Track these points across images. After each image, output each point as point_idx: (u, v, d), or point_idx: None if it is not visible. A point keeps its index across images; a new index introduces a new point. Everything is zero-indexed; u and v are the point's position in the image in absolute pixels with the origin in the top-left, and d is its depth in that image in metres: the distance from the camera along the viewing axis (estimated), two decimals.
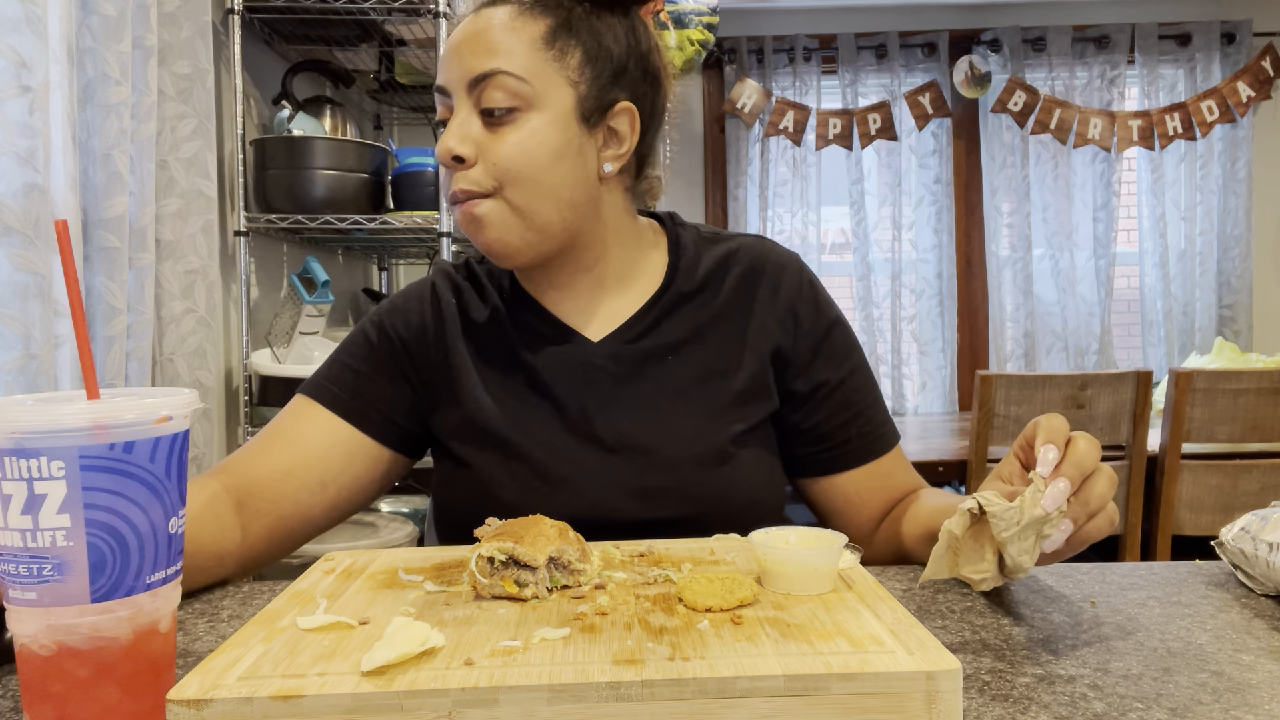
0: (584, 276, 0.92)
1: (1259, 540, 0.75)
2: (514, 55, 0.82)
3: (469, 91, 0.83)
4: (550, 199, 0.84)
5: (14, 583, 0.48)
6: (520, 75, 0.82)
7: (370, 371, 0.93)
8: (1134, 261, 3.70)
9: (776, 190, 3.60)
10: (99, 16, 1.57)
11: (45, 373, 1.40)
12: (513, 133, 0.82)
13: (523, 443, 0.88)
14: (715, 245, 0.96)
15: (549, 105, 0.83)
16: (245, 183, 2.13)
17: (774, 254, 0.95)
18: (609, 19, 0.87)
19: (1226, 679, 0.58)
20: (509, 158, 0.82)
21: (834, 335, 0.94)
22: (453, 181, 0.84)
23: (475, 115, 0.83)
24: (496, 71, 0.81)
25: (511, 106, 0.82)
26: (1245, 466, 2.22)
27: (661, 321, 0.92)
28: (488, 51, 0.82)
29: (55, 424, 0.47)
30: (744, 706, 0.46)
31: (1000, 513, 0.62)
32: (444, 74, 0.85)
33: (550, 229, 0.85)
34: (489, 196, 0.83)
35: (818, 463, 0.94)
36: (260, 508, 0.87)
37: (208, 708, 0.45)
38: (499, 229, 0.84)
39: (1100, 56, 3.57)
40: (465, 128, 0.83)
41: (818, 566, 0.59)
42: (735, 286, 0.93)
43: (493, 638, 0.52)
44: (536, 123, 0.82)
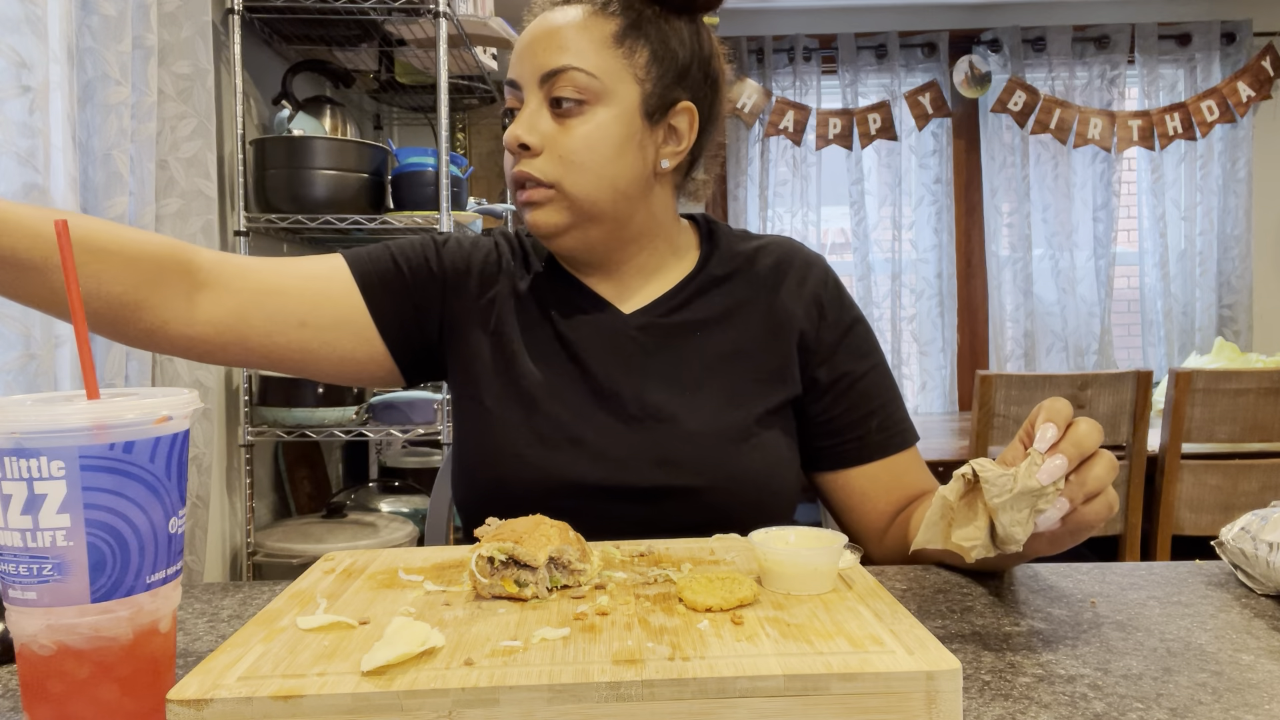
0: (626, 266, 0.96)
1: (1259, 540, 0.75)
2: (585, 53, 0.86)
3: (540, 85, 0.87)
4: (608, 188, 0.88)
5: (14, 583, 0.48)
6: (590, 71, 0.86)
7: (408, 279, 0.95)
8: (1134, 261, 3.70)
9: (776, 190, 3.60)
10: (99, 16, 1.57)
11: (45, 373, 1.40)
12: (580, 125, 0.87)
13: (551, 402, 0.92)
14: (747, 240, 1.01)
15: (616, 100, 0.87)
16: (245, 183, 2.13)
17: (803, 251, 1.00)
18: (675, 23, 0.91)
19: (1226, 679, 0.58)
20: (574, 149, 0.86)
21: (857, 330, 0.97)
22: (516, 166, 0.88)
23: (545, 108, 0.88)
24: (568, 68, 0.86)
25: (580, 100, 0.86)
26: (1245, 466, 2.22)
27: (693, 300, 0.95)
28: (560, 48, 0.86)
29: (55, 424, 0.47)
30: (744, 706, 0.46)
31: (993, 479, 0.61)
32: (516, 68, 0.90)
33: (602, 215, 0.89)
34: (549, 186, 0.87)
35: (835, 455, 0.96)
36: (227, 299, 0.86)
37: (208, 708, 0.45)
38: (552, 212, 0.88)
39: (1100, 56, 3.57)
40: (535, 119, 0.87)
41: (818, 566, 0.59)
42: (765, 275, 0.97)
43: (493, 638, 0.52)
44: (603, 116, 0.87)
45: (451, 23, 2.26)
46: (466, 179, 2.45)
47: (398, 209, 2.25)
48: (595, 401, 0.92)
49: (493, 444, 0.92)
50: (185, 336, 0.85)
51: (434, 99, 2.32)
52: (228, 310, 0.86)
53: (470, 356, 0.96)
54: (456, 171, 2.33)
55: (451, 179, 2.24)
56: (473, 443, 0.94)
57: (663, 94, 0.90)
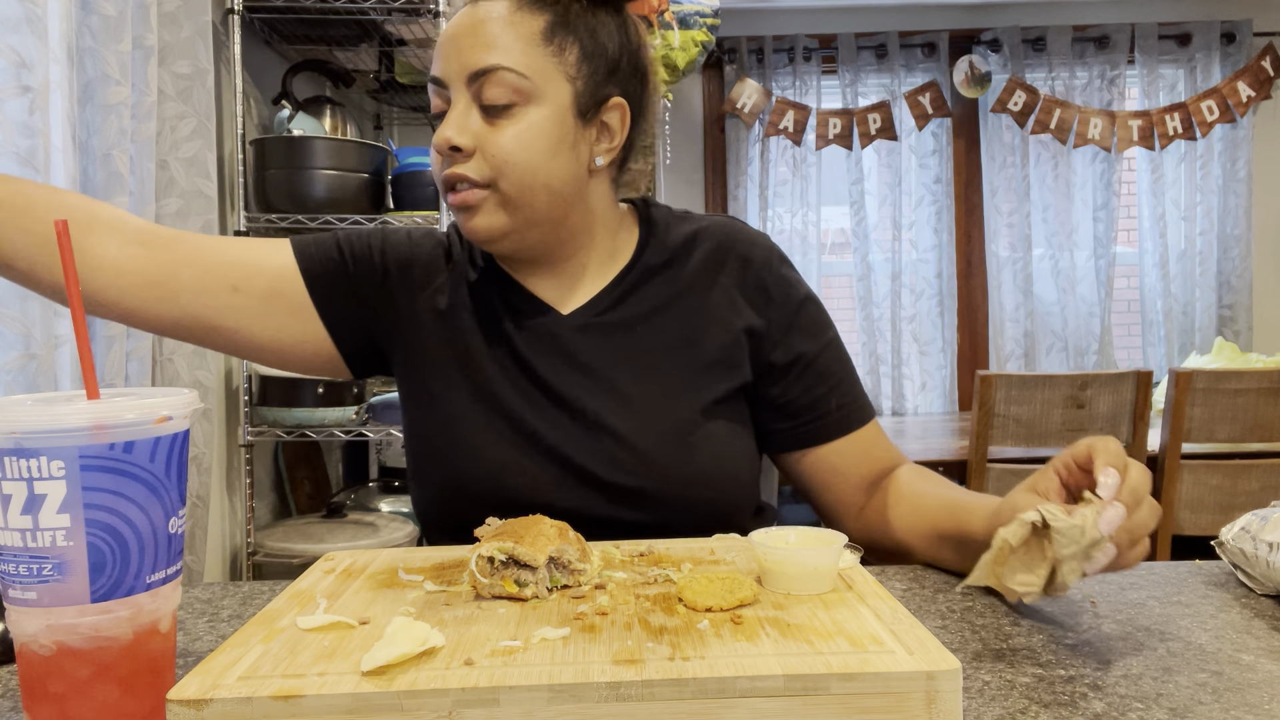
0: (565, 264, 0.94)
1: (1259, 540, 0.75)
2: (513, 51, 0.83)
3: (468, 85, 0.84)
4: (543, 190, 0.85)
5: (14, 583, 0.48)
6: (520, 71, 0.83)
7: (350, 268, 0.95)
8: (1134, 261, 3.70)
9: (776, 190, 3.60)
10: (99, 16, 1.57)
11: (45, 373, 1.40)
12: (511, 126, 0.84)
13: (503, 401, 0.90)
14: (685, 223, 0.98)
15: (547, 100, 0.84)
16: (245, 183, 2.13)
17: (744, 232, 0.97)
18: (603, 15, 0.88)
19: (1226, 679, 0.58)
20: (507, 150, 0.83)
21: (807, 310, 0.95)
22: (448, 168, 0.85)
23: (474, 107, 0.84)
24: (497, 67, 0.82)
25: (510, 101, 0.83)
26: (1245, 466, 2.22)
27: (630, 295, 0.94)
28: (487, 46, 0.83)
29: (55, 424, 0.47)
30: (744, 706, 0.46)
31: (1065, 529, 0.61)
32: (441, 65, 0.86)
33: (537, 218, 0.87)
34: (484, 187, 0.84)
35: (801, 436, 0.95)
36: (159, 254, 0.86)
37: (208, 708, 0.45)
38: (488, 216, 0.85)
39: (1100, 56, 3.57)
40: (464, 119, 0.84)
41: (818, 566, 0.59)
42: (703, 260, 0.95)
43: (493, 638, 0.52)
44: (535, 117, 0.84)
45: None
46: None
47: (398, 209, 2.25)
48: (545, 402, 0.90)
49: (450, 439, 0.91)
50: (114, 287, 0.85)
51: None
52: (158, 265, 0.86)
53: (417, 350, 0.95)
54: None
55: None
56: (429, 438, 0.93)
57: (594, 91, 0.87)
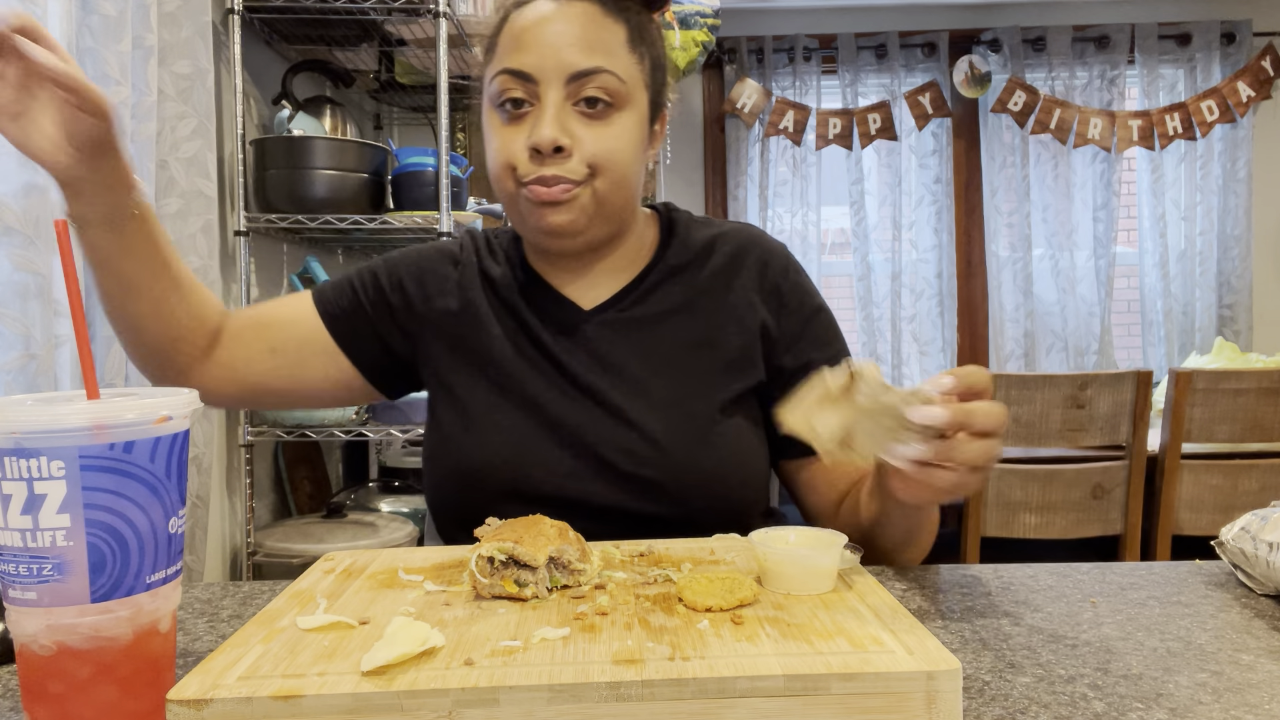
0: (597, 262, 0.96)
1: (1259, 540, 0.75)
2: (614, 56, 0.87)
3: (567, 83, 0.85)
4: (627, 191, 0.90)
5: (14, 583, 0.48)
6: (621, 76, 0.87)
7: (367, 308, 0.99)
8: (1134, 261, 3.70)
9: (776, 190, 3.60)
10: (99, 16, 1.57)
11: (45, 373, 1.40)
12: (608, 128, 0.87)
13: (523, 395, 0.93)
14: (706, 228, 1.01)
15: (634, 105, 0.89)
16: (245, 183, 2.13)
17: (763, 239, 1.00)
18: (657, 25, 0.93)
19: (1226, 679, 0.58)
20: (607, 150, 0.86)
21: (820, 319, 0.98)
22: (542, 167, 0.85)
23: (568, 106, 0.86)
24: (602, 70, 0.85)
25: (609, 103, 0.86)
26: (1245, 466, 2.22)
27: (651, 293, 0.96)
28: (591, 48, 0.85)
29: (55, 424, 0.47)
30: (744, 706, 0.46)
31: (871, 381, 0.61)
32: (533, 60, 0.85)
33: (616, 217, 0.91)
34: (581, 184, 0.87)
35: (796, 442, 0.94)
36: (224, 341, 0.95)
37: (208, 708, 0.45)
38: (577, 213, 0.88)
39: (1100, 56, 3.57)
40: (562, 119, 0.85)
41: (818, 566, 0.59)
42: (723, 263, 0.97)
43: (493, 638, 0.52)
44: (627, 120, 0.88)
45: (451, 23, 2.26)
46: (466, 179, 2.45)
47: (398, 209, 2.24)
48: (566, 392, 0.93)
49: (466, 427, 0.93)
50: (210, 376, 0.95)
51: (434, 99, 2.31)
52: (223, 350, 0.95)
53: (435, 351, 0.98)
54: (456, 171, 2.33)
55: (451, 179, 2.24)
56: (446, 428, 0.95)
57: (656, 99, 0.92)
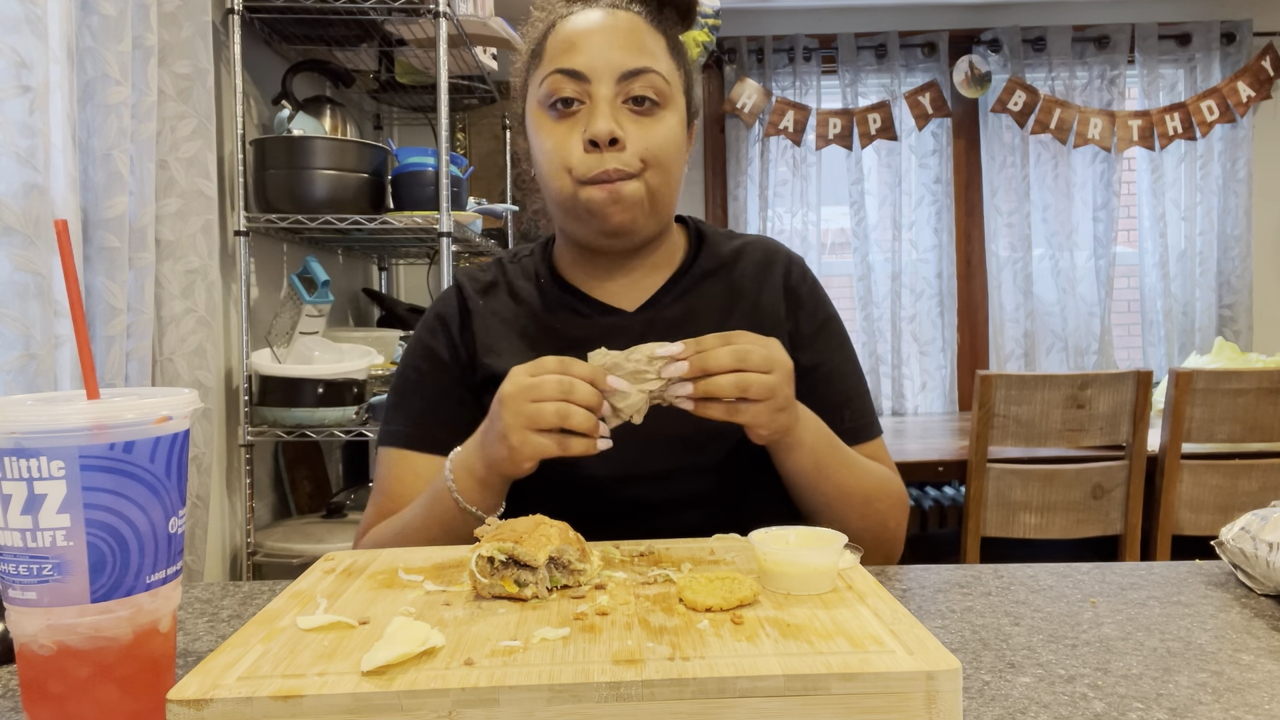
0: (642, 262, 1.00)
1: (1259, 540, 0.75)
2: (660, 59, 0.92)
3: (618, 81, 0.90)
4: (673, 187, 0.95)
5: (14, 583, 0.48)
6: (666, 77, 0.92)
7: (436, 397, 0.99)
8: (1134, 261, 3.70)
9: (776, 190, 3.60)
10: (99, 16, 1.57)
11: (45, 373, 1.40)
12: (656, 124, 0.91)
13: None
14: (731, 239, 1.07)
15: (677, 107, 0.94)
16: (245, 183, 2.13)
17: (783, 249, 1.06)
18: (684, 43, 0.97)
19: (1226, 679, 0.58)
20: (659, 144, 0.91)
21: (832, 325, 1.03)
22: (600, 163, 0.89)
23: (618, 103, 0.90)
24: (651, 70, 0.91)
25: (657, 101, 0.91)
26: (1245, 466, 2.22)
27: (687, 293, 1.01)
28: (640, 50, 0.91)
29: (55, 424, 0.47)
30: (744, 706, 0.46)
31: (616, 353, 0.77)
32: (584, 58, 0.90)
33: (664, 214, 0.96)
34: (635, 177, 0.90)
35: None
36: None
37: (208, 708, 0.45)
38: (634, 210, 0.91)
39: (1100, 56, 3.57)
40: (615, 114, 0.90)
41: (818, 566, 0.59)
42: (753, 268, 1.03)
43: (493, 638, 0.52)
44: (671, 120, 0.93)
45: (451, 23, 2.26)
46: (466, 179, 2.45)
47: (398, 209, 2.24)
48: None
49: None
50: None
51: (434, 99, 2.31)
52: None
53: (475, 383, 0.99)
54: (456, 171, 2.33)
55: (451, 179, 2.24)
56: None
57: (689, 105, 0.98)
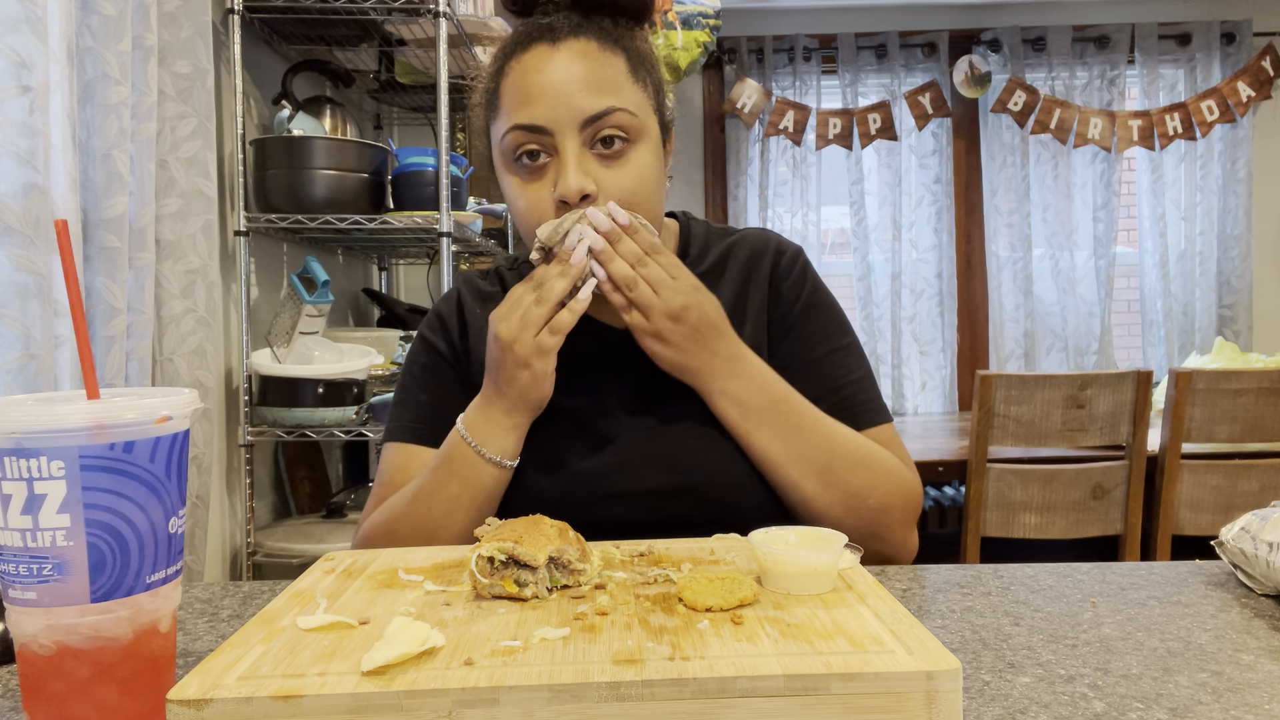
0: None
1: (1259, 540, 0.75)
2: (621, 91, 0.85)
3: (582, 129, 0.84)
4: (657, 215, 0.90)
5: (14, 583, 0.48)
6: (632, 110, 0.86)
7: (440, 393, 0.98)
8: (1134, 261, 3.70)
9: (776, 190, 3.60)
10: (99, 16, 1.57)
11: (45, 373, 1.40)
12: (628, 165, 0.86)
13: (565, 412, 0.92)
14: (724, 237, 1.02)
15: (648, 134, 0.88)
16: (245, 183, 2.13)
17: (777, 240, 1.01)
18: (649, 43, 0.92)
19: (1226, 679, 0.58)
20: (630, 190, 0.86)
21: (822, 311, 0.98)
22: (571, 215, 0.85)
23: (586, 151, 0.85)
24: (613, 109, 0.84)
25: (626, 139, 0.86)
26: (1245, 466, 2.22)
27: None
28: (599, 88, 0.84)
29: (55, 424, 0.47)
30: (744, 706, 0.46)
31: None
32: (543, 112, 0.84)
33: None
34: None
35: None
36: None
37: (208, 708, 0.45)
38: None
39: (1100, 56, 3.57)
40: (584, 165, 0.85)
41: (818, 566, 0.59)
42: (739, 269, 0.99)
43: (493, 638, 0.52)
44: (644, 152, 0.87)
45: (451, 23, 2.26)
46: (466, 179, 2.45)
47: (398, 209, 2.24)
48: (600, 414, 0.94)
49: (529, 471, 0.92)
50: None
51: (434, 99, 2.31)
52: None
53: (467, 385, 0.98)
54: (456, 171, 2.33)
55: (451, 179, 2.24)
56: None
57: (662, 119, 0.92)
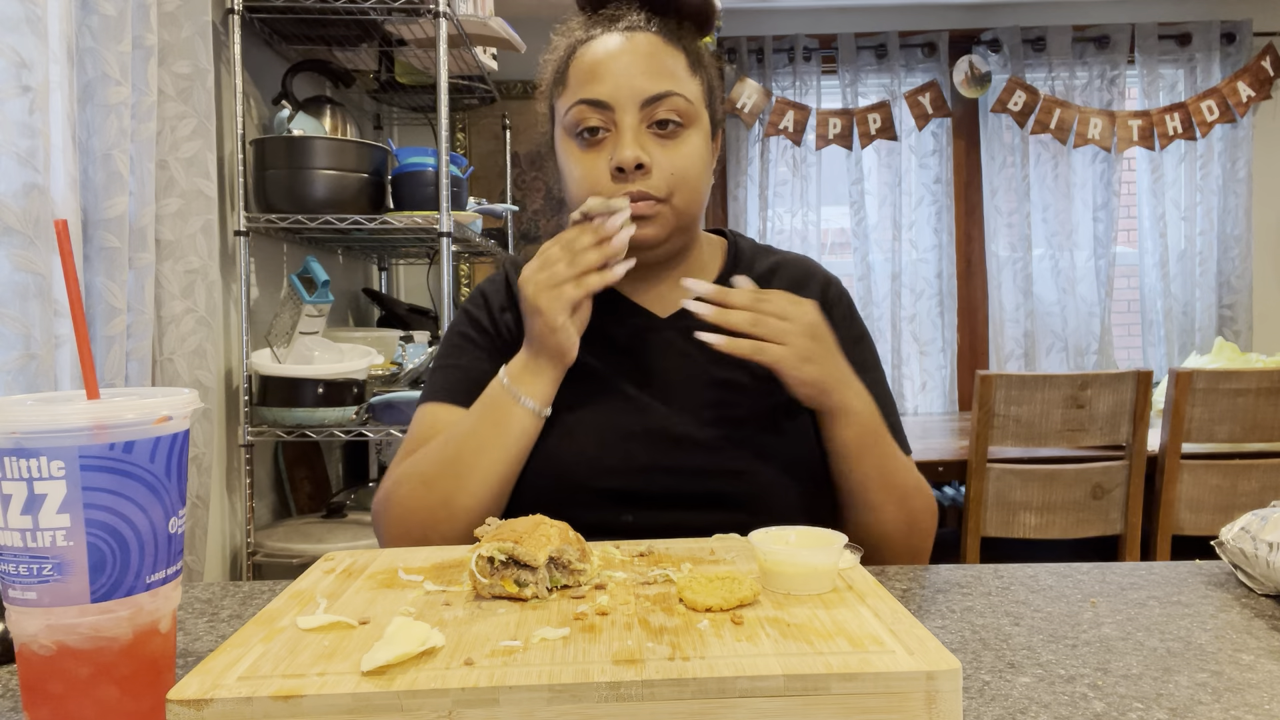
0: (672, 271, 1.02)
1: (1259, 540, 0.75)
2: (680, 80, 0.94)
3: (641, 107, 0.92)
4: (700, 203, 0.97)
5: (14, 583, 0.48)
6: (689, 97, 0.94)
7: (482, 363, 1.01)
8: (1134, 261, 3.70)
9: (776, 190, 3.60)
10: (99, 16, 1.57)
11: (45, 373, 1.40)
12: (682, 146, 0.93)
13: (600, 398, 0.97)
14: (769, 255, 1.09)
15: (700, 124, 0.96)
16: (245, 183, 2.13)
17: (820, 269, 1.09)
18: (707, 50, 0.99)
19: (1226, 679, 0.58)
20: (684, 167, 0.93)
21: (863, 345, 1.04)
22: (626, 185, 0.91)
23: (644, 129, 0.92)
24: (672, 93, 0.92)
25: (681, 123, 0.93)
26: (1245, 466, 2.22)
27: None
28: (660, 73, 0.93)
29: (55, 424, 0.47)
30: (744, 706, 0.46)
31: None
32: (607, 88, 0.92)
33: (691, 228, 0.98)
34: (663, 202, 0.93)
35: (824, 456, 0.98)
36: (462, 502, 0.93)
37: (208, 708, 0.45)
38: (658, 227, 0.94)
39: (1100, 56, 3.57)
40: (639, 139, 0.92)
41: (818, 566, 0.59)
42: (787, 285, 1.03)
43: (493, 638, 0.52)
44: (696, 138, 0.95)
45: (451, 23, 2.26)
46: (466, 179, 2.45)
47: (398, 209, 2.24)
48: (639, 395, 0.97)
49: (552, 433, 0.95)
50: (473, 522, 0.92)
51: (434, 99, 2.31)
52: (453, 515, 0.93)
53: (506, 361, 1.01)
54: (456, 171, 2.33)
55: (451, 179, 2.24)
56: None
57: (713, 118, 0.99)
